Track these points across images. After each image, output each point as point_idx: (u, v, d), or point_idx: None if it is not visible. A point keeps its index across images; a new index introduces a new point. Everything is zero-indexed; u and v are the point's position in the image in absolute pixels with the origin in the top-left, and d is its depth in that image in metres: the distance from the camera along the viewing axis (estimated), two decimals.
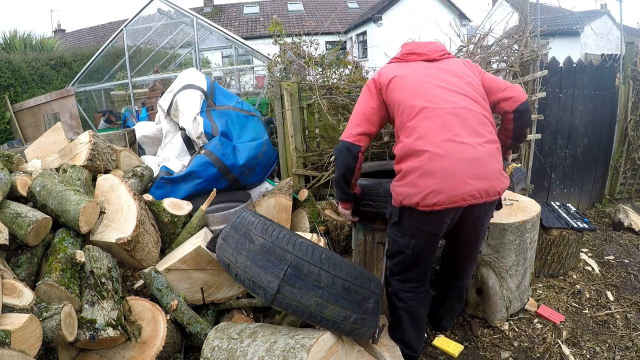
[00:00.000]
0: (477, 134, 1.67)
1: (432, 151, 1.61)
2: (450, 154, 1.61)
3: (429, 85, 1.75)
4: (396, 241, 1.84)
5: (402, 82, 1.79)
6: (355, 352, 1.71)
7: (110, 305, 1.79)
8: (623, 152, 3.98)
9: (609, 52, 10.86)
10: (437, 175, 1.60)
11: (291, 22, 20.06)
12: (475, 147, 1.64)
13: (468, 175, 1.60)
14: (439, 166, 1.60)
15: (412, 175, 1.65)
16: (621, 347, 2.11)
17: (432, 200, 1.62)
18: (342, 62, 3.61)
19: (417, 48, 1.91)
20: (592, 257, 3.10)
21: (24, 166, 2.50)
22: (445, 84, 1.76)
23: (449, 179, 1.60)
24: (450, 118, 1.66)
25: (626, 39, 3.96)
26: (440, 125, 1.65)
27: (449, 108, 1.68)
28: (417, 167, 1.64)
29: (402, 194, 1.70)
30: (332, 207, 3.11)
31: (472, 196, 1.62)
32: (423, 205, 1.64)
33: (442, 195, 1.60)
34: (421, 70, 1.83)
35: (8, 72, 6.94)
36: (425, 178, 1.62)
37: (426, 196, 1.62)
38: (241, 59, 11.99)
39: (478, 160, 1.63)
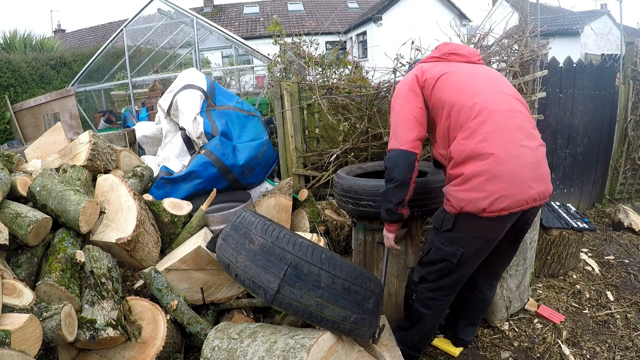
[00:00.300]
0: (533, 137, 1.65)
1: (498, 154, 1.55)
2: (515, 157, 1.56)
3: (484, 86, 1.69)
4: (441, 249, 1.75)
5: (454, 80, 1.72)
6: (355, 352, 1.71)
7: (110, 305, 1.79)
8: (623, 152, 3.98)
9: (609, 52, 10.87)
10: (505, 179, 1.54)
11: (291, 22, 20.06)
12: (534, 150, 1.62)
13: (531, 178, 1.58)
14: (506, 170, 1.55)
15: (477, 179, 1.57)
16: (621, 347, 2.11)
17: (501, 205, 1.56)
18: (342, 62, 3.61)
19: (458, 49, 1.87)
20: (592, 257, 3.10)
21: (24, 166, 2.50)
22: (498, 86, 1.72)
23: (516, 183, 1.55)
24: (510, 121, 1.62)
25: (626, 39, 3.96)
26: (502, 128, 1.59)
27: (506, 111, 1.63)
28: (482, 171, 1.56)
29: (465, 200, 1.60)
30: (332, 207, 3.11)
31: (534, 199, 1.60)
32: (490, 211, 1.57)
33: (510, 199, 1.55)
34: (469, 70, 1.78)
35: (8, 72, 6.94)
36: (493, 182, 1.55)
37: (494, 201, 1.55)
38: (241, 59, 11.99)
39: (537, 164, 1.61)
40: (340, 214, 3.03)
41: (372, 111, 3.07)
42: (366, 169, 2.61)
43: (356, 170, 2.55)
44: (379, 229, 2.16)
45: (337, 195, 2.28)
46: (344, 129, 3.03)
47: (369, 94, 3.06)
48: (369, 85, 3.18)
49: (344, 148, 3.10)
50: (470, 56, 1.86)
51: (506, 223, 1.65)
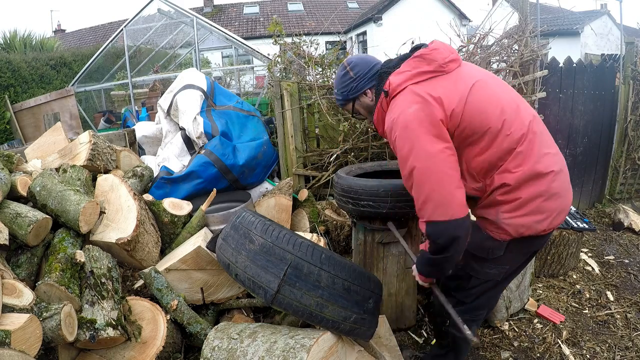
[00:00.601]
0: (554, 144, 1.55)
1: (556, 170, 1.44)
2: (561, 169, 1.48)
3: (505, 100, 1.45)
4: (486, 273, 1.59)
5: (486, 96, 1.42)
6: (355, 352, 1.71)
7: (110, 305, 1.79)
8: (623, 152, 3.97)
9: (609, 52, 10.87)
10: (560, 195, 1.46)
11: (291, 22, 20.06)
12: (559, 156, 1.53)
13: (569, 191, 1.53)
14: (559, 185, 1.46)
15: (536, 201, 1.42)
16: (621, 347, 2.11)
17: (558, 221, 1.48)
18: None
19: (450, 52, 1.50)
20: (592, 257, 3.10)
21: (24, 166, 2.50)
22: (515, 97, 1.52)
23: (568, 194, 1.50)
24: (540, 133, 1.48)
25: (626, 39, 3.96)
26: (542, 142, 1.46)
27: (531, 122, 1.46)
28: (541, 191, 1.42)
29: (524, 225, 1.44)
30: (332, 207, 3.11)
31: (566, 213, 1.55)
32: (549, 229, 1.47)
33: (561, 216, 1.49)
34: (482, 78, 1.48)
35: (8, 72, 6.94)
36: (552, 201, 1.44)
37: (554, 219, 1.46)
38: (241, 59, 12.00)
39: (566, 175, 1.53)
40: (340, 214, 3.03)
41: None
42: (366, 169, 2.61)
43: (356, 170, 2.54)
44: (379, 229, 2.16)
45: (337, 195, 2.28)
46: (344, 129, 3.03)
47: None
48: None
49: (344, 148, 3.10)
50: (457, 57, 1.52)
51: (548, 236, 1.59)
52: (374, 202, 2.04)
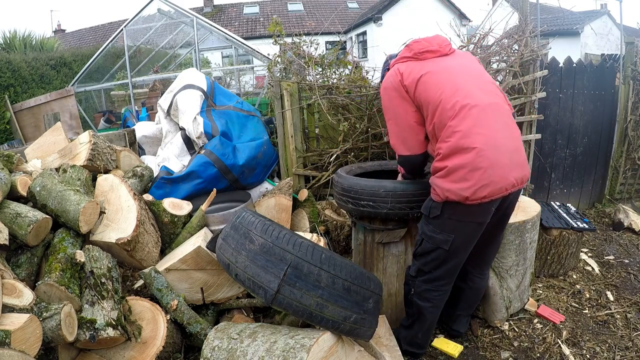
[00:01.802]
0: (508, 127, 1.78)
1: (479, 147, 1.67)
2: (494, 148, 1.68)
3: (462, 82, 1.78)
4: (433, 237, 1.84)
5: (432, 80, 1.80)
6: (355, 352, 1.71)
7: (110, 305, 1.79)
8: (623, 152, 3.97)
9: (609, 52, 10.87)
10: (486, 170, 1.67)
11: (291, 22, 20.06)
12: (510, 139, 1.75)
13: (509, 166, 1.70)
14: (486, 161, 1.67)
15: (461, 171, 1.69)
16: (621, 347, 2.11)
17: (482, 194, 1.68)
18: (342, 62, 3.61)
19: (430, 45, 1.89)
20: (592, 257, 3.10)
21: (24, 166, 2.50)
22: (472, 79, 1.81)
23: (496, 171, 1.68)
24: (488, 113, 1.73)
25: (626, 39, 3.96)
26: (481, 122, 1.71)
27: (483, 105, 1.74)
28: (466, 163, 1.68)
29: (449, 189, 1.72)
30: (332, 207, 3.11)
31: (513, 185, 1.73)
32: (473, 199, 1.69)
33: (491, 187, 1.68)
34: (444, 67, 1.84)
35: (8, 72, 6.94)
36: (476, 173, 1.67)
37: (476, 190, 1.67)
38: (241, 59, 12.00)
39: (514, 152, 1.74)
40: (340, 214, 3.04)
41: (372, 111, 3.07)
42: (366, 169, 2.61)
43: (356, 170, 2.55)
44: (379, 228, 2.16)
45: (336, 194, 2.28)
46: (344, 129, 3.03)
47: (369, 94, 3.06)
48: (369, 85, 3.18)
49: (344, 148, 3.10)
50: (442, 49, 1.89)
51: (490, 208, 1.76)
52: (374, 202, 2.04)
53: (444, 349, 2.12)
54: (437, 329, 2.29)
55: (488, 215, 1.79)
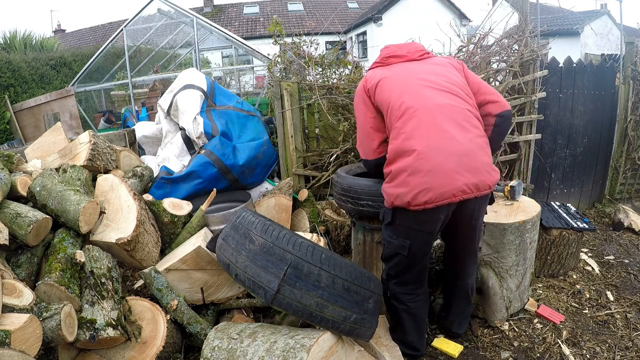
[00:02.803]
0: (463, 129, 1.68)
1: (419, 150, 1.63)
2: (437, 150, 1.62)
3: (412, 85, 1.76)
4: (391, 243, 1.85)
5: (387, 83, 1.81)
6: (355, 352, 1.71)
7: (110, 305, 1.79)
8: (623, 152, 3.97)
9: (609, 52, 10.86)
10: (426, 173, 1.61)
11: (291, 22, 20.05)
12: (462, 142, 1.65)
13: (456, 170, 1.62)
14: (427, 164, 1.61)
15: (402, 175, 1.66)
16: (621, 347, 2.11)
17: (423, 199, 1.62)
18: (342, 62, 3.61)
19: (397, 50, 1.93)
20: (592, 257, 3.09)
21: (24, 166, 2.50)
22: (427, 82, 1.77)
23: (438, 175, 1.61)
24: (436, 115, 1.67)
25: (626, 39, 3.95)
26: (426, 124, 1.66)
27: (432, 106, 1.69)
28: (406, 166, 1.65)
29: (393, 195, 1.71)
30: (332, 207, 3.11)
31: (463, 191, 1.63)
32: (415, 204, 1.65)
33: (432, 192, 1.61)
34: (403, 70, 1.86)
35: (8, 72, 6.94)
36: (415, 177, 1.63)
37: (417, 195, 1.63)
38: (241, 59, 11.99)
39: (466, 155, 1.64)
40: (340, 214, 3.04)
41: None
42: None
43: (356, 170, 2.54)
44: (378, 228, 2.16)
45: (336, 194, 2.28)
46: (344, 129, 3.03)
47: None
48: None
49: (344, 148, 3.10)
50: (410, 54, 1.91)
51: (437, 215, 1.70)
52: (373, 201, 2.04)
53: (444, 349, 2.12)
54: (437, 329, 2.29)
55: (435, 224, 1.73)
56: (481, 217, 1.88)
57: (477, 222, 1.86)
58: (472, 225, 1.85)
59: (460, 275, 2.07)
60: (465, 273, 2.07)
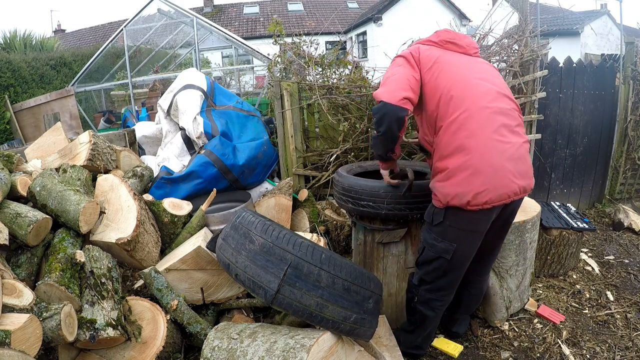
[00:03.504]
0: (516, 134, 1.72)
1: (482, 150, 1.62)
2: (498, 153, 1.64)
3: (477, 81, 1.73)
4: (435, 246, 1.79)
5: (448, 68, 1.75)
6: (355, 352, 1.71)
7: (110, 305, 1.79)
8: (623, 152, 3.97)
9: (609, 52, 10.86)
10: (489, 174, 1.62)
11: (291, 22, 20.05)
12: (517, 146, 1.69)
13: (513, 173, 1.66)
14: (489, 165, 1.62)
15: (463, 174, 1.64)
16: (621, 347, 2.11)
17: (484, 199, 1.63)
18: (342, 62, 3.61)
19: (457, 38, 1.87)
20: (592, 257, 3.10)
21: (24, 166, 2.49)
22: (491, 82, 1.76)
23: (498, 177, 1.63)
24: (496, 118, 1.68)
25: (626, 39, 3.95)
26: (488, 125, 1.66)
27: (494, 108, 1.69)
28: (468, 165, 1.63)
29: (450, 194, 1.67)
30: (332, 207, 3.10)
31: (515, 193, 1.68)
32: (474, 204, 1.64)
33: (492, 193, 1.63)
34: (465, 63, 1.81)
35: (8, 72, 6.94)
36: (477, 177, 1.62)
37: (477, 195, 1.62)
38: (241, 59, 11.99)
39: (519, 159, 1.69)
40: (340, 214, 3.03)
41: (372, 111, 3.07)
42: (366, 168, 2.61)
43: (356, 169, 2.54)
44: (379, 229, 2.16)
45: (337, 194, 2.28)
46: (344, 129, 3.03)
47: (369, 94, 3.06)
48: (369, 85, 3.18)
49: (344, 148, 3.10)
50: (467, 48, 1.87)
51: (491, 214, 1.72)
52: (374, 202, 2.04)
53: (444, 349, 2.12)
54: (437, 329, 2.29)
55: (488, 223, 1.75)
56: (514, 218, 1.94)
57: (512, 220, 1.92)
58: (509, 222, 1.91)
59: (480, 272, 2.06)
60: (483, 270, 2.08)
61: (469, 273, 2.02)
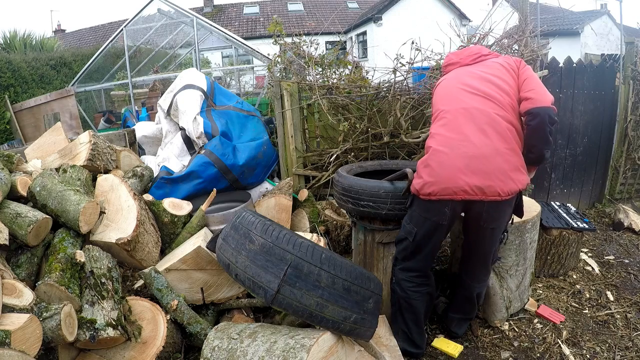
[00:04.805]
0: (483, 133, 1.74)
1: (434, 147, 1.80)
2: (449, 149, 1.74)
3: (451, 89, 1.93)
4: (404, 227, 1.97)
5: (438, 90, 2.03)
6: (355, 352, 1.71)
7: (110, 305, 1.79)
8: (623, 152, 3.97)
9: (609, 52, 10.86)
10: (434, 168, 1.76)
11: (291, 22, 20.05)
12: (478, 145, 1.71)
13: (461, 170, 1.70)
14: (436, 159, 1.77)
15: (420, 167, 1.84)
16: (621, 347, 2.11)
17: (428, 190, 1.78)
18: (342, 62, 3.61)
19: (453, 58, 2.11)
20: (592, 257, 3.09)
21: (24, 166, 2.49)
22: (466, 86, 1.89)
23: (443, 172, 1.74)
24: (459, 117, 1.80)
25: (626, 39, 3.95)
26: (449, 125, 1.80)
27: (459, 109, 1.82)
28: (422, 160, 1.83)
29: (413, 184, 1.87)
30: (332, 207, 3.10)
31: (465, 191, 1.71)
32: (422, 193, 1.81)
33: (436, 186, 1.75)
34: (452, 77, 2.02)
35: (8, 72, 6.94)
36: (425, 169, 1.79)
37: (424, 185, 1.79)
38: (241, 59, 11.98)
39: (477, 158, 1.69)
40: (340, 214, 3.03)
41: (372, 111, 3.07)
42: (367, 168, 2.61)
43: (357, 169, 2.54)
44: (379, 229, 2.16)
45: (337, 194, 2.28)
46: (344, 129, 3.02)
47: (369, 94, 3.06)
48: (369, 85, 3.18)
49: (344, 148, 3.10)
50: (462, 60, 2.05)
51: (441, 207, 1.80)
52: (374, 202, 2.04)
53: (444, 349, 2.12)
54: (437, 329, 2.29)
55: (440, 215, 1.82)
56: (494, 224, 1.84)
57: (487, 227, 1.85)
58: (481, 228, 1.86)
59: (467, 274, 2.09)
60: (470, 274, 2.08)
61: (462, 274, 2.12)
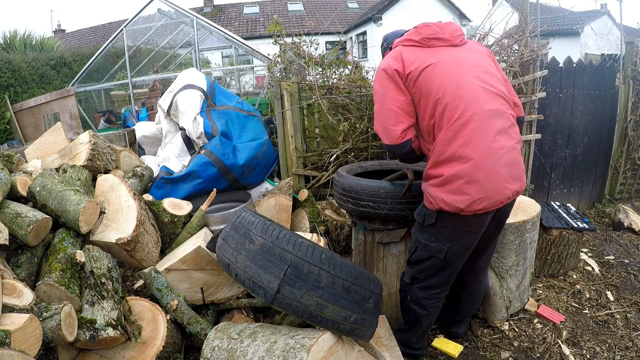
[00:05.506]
0: (510, 137, 1.69)
1: (476, 159, 1.60)
2: (493, 160, 1.61)
3: (469, 81, 1.66)
4: (427, 246, 1.79)
5: (438, 74, 1.67)
6: (355, 352, 1.71)
7: (110, 305, 1.79)
8: (623, 152, 3.97)
9: (609, 52, 10.86)
10: (483, 184, 1.61)
11: (291, 22, 20.05)
12: (511, 150, 1.67)
13: (507, 179, 1.65)
14: (484, 174, 1.60)
15: (458, 182, 1.62)
16: (621, 347, 2.11)
17: (478, 207, 1.63)
18: (342, 62, 3.61)
19: (440, 32, 1.75)
20: (592, 257, 3.09)
21: (24, 166, 2.49)
22: (481, 82, 1.69)
23: (493, 185, 1.62)
24: (491, 123, 1.63)
25: (626, 39, 3.95)
26: (482, 131, 1.62)
27: (488, 111, 1.64)
28: (463, 174, 1.61)
29: (444, 200, 1.66)
30: (332, 207, 3.10)
31: (509, 197, 1.68)
32: (468, 211, 1.63)
33: (487, 201, 1.63)
34: (452, 60, 1.71)
35: (8, 72, 6.94)
36: (472, 186, 1.61)
37: (472, 203, 1.62)
38: (241, 59, 11.98)
39: (513, 164, 1.67)
40: (340, 214, 3.03)
41: (372, 111, 3.06)
42: (367, 168, 2.61)
43: (357, 169, 2.54)
44: (379, 229, 2.16)
45: (337, 194, 2.28)
46: (344, 129, 3.03)
47: (369, 94, 3.06)
48: (369, 85, 3.18)
49: (344, 148, 3.10)
50: (453, 39, 1.76)
51: (487, 217, 1.72)
52: (374, 202, 2.04)
53: (444, 349, 2.12)
54: (437, 329, 2.29)
55: (484, 225, 1.75)
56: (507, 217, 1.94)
57: (506, 220, 1.92)
58: (502, 223, 1.90)
59: (476, 272, 2.06)
60: (481, 270, 2.08)
61: (466, 274, 2.03)
